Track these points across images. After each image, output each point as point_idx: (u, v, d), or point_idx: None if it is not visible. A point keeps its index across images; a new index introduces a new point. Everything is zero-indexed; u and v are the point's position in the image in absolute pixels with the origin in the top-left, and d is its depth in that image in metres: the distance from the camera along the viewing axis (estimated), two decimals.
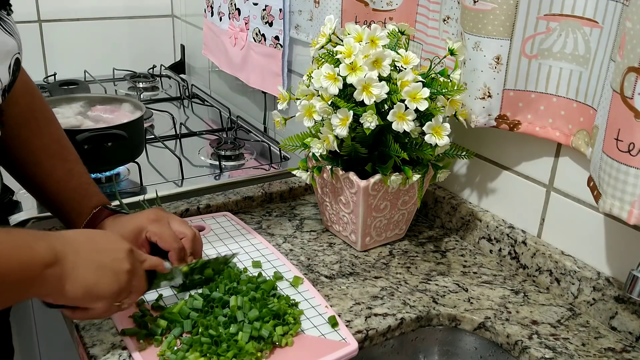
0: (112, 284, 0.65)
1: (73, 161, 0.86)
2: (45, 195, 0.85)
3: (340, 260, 0.93)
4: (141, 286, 0.71)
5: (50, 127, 0.86)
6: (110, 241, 0.68)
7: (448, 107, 0.86)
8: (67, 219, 0.85)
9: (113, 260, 0.66)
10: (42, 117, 0.85)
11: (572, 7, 0.77)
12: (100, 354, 0.70)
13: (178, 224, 0.83)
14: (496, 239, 0.95)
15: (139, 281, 0.70)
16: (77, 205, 0.84)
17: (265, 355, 0.70)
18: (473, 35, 0.83)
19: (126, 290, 0.67)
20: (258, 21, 1.35)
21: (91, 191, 0.86)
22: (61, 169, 0.84)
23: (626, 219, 0.65)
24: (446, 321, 0.83)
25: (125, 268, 0.66)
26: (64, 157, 0.85)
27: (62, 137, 0.87)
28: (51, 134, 0.85)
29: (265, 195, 1.10)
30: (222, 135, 1.38)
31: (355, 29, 0.85)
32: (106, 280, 0.65)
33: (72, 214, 0.84)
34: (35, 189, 0.86)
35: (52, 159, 0.84)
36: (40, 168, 0.84)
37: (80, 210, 0.83)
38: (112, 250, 0.67)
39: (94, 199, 0.85)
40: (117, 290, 0.66)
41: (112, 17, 1.84)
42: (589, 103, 0.78)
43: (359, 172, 0.89)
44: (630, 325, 0.77)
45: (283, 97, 0.93)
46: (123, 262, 0.66)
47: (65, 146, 0.87)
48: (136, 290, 0.70)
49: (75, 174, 0.85)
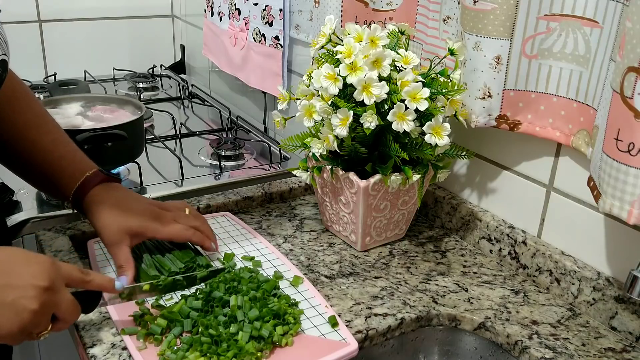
0: (11, 324, 0.60)
1: (57, 132, 0.86)
2: (32, 169, 0.84)
3: (340, 260, 0.93)
4: (69, 315, 0.65)
5: (32, 104, 0.86)
6: (25, 274, 0.62)
7: (448, 107, 0.86)
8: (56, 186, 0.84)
9: (17, 298, 0.60)
10: (22, 96, 0.85)
11: (572, 7, 0.77)
12: (100, 354, 0.70)
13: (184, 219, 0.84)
14: (496, 239, 0.95)
15: (66, 311, 0.65)
16: (65, 171, 0.83)
17: (265, 355, 0.70)
18: (473, 35, 0.83)
19: (35, 327, 0.62)
20: (258, 21, 1.35)
21: (79, 157, 0.85)
22: (46, 139, 0.84)
23: (626, 219, 0.65)
24: (446, 321, 0.83)
25: (30, 308, 0.60)
26: (47, 130, 0.85)
27: (44, 112, 0.87)
28: (33, 109, 0.85)
29: (265, 195, 1.10)
30: (222, 135, 1.38)
31: (355, 29, 0.85)
32: (4, 319, 0.60)
33: (61, 180, 0.83)
34: (22, 165, 0.85)
35: (36, 132, 0.84)
36: (25, 142, 0.83)
37: (70, 175, 0.82)
38: (21, 286, 0.61)
39: (83, 163, 0.84)
40: (18, 329, 0.60)
41: (112, 17, 1.84)
42: (589, 103, 0.78)
43: (359, 172, 0.89)
44: (630, 325, 0.77)
45: (283, 97, 0.93)
46: (30, 301, 0.60)
47: (48, 120, 0.87)
48: (63, 319, 0.65)
49: (60, 142, 0.85)
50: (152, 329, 0.71)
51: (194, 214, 0.88)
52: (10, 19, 1.63)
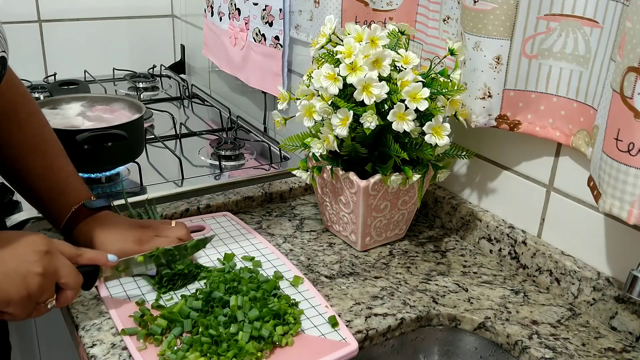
0: (19, 289, 0.63)
1: (53, 155, 0.85)
2: (27, 192, 0.85)
3: (340, 260, 0.93)
4: (72, 281, 0.68)
5: (32, 121, 0.85)
6: (23, 243, 0.65)
7: (448, 107, 0.86)
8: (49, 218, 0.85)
9: (21, 264, 0.63)
10: (23, 111, 0.84)
11: (572, 7, 0.77)
12: (100, 354, 0.70)
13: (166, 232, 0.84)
14: (496, 239, 0.95)
15: (68, 277, 0.68)
16: (55, 204, 0.83)
17: (265, 355, 0.70)
18: (473, 35, 0.83)
19: (42, 292, 0.65)
20: (258, 21, 1.35)
21: (70, 187, 0.84)
22: (40, 164, 0.83)
23: (626, 218, 0.65)
24: (446, 321, 0.83)
25: (35, 271, 0.64)
26: (43, 152, 0.84)
27: (44, 130, 0.86)
28: (32, 128, 0.84)
29: (265, 195, 1.10)
30: (222, 135, 1.38)
31: (355, 29, 0.85)
32: (12, 285, 0.62)
33: (52, 212, 0.84)
34: (19, 185, 0.85)
35: (32, 154, 0.83)
36: (20, 164, 0.83)
37: (59, 209, 0.83)
38: (21, 254, 0.64)
39: (72, 195, 0.83)
40: (27, 294, 0.63)
41: (112, 17, 1.84)
42: (589, 103, 0.78)
43: (359, 172, 0.89)
44: (630, 325, 0.77)
45: (283, 97, 0.93)
46: (33, 265, 0.64)
47: (46, 140, 0.85)
48: (68, 287, 0.68)
49: (54, 168, 0.84)
50: (152, 329, 0.71)
51: (179, 226, 0.88)
52: (10, 19, 1.63)
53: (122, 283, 0.81)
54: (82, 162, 1.06)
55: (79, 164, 1.06)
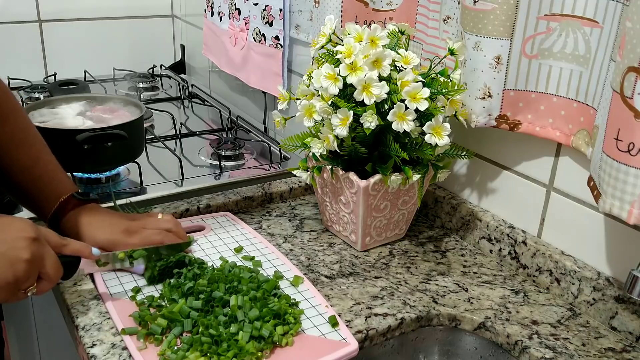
0: (6, 274, 0.64)
1: (39, 149, 0.85)
2: (12, 186, 0.85)
3: (340, 260, 0.93)
4: (53, 273, 0.69)
5: (16, 116, 0.85)
6: (12, 229, 0.66)
7: (448, 107, 0.86)
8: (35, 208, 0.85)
9: (10, 249, 0.64)
10: (5, 107, 0.84)
11: (572, 7, 0.77)
12: (100, 354, 0.70)
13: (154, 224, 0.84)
14: (496, 239, 0.95)
15: (51, 268, 0.68)
16: (42, 194, 0.83)
17: (265, 355, 0.70)
18: (473, 35, 0.83)
19: (27, 279, 0.66)
20: (258, 21, 1.35)
21: (57, 179, 0.85)
22: (26, 157, 0.84)
23: (626, 218, 0.65)
24: (446, 321, 0.83)
25: (23, 257, 0.65)
26: (29, 145, 0.85)
27: (28, 126, 0.86)
28: (16, 122, 0.85)
29: (265, 195, 1.10)
30: (222, 135, 1.38)
31: (355, 29, 0.85)
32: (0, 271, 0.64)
33: (38, 203, 0.84)
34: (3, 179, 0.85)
35: (17, 147, 0.84)
36: (5, 157, 0.83)
37: (47, 198, 0.83)
38: (10, 239, 0.65)
39: (59, 186, 0.84)
40: (13, 280, 0.64)
41: (112, 17, 1.84)
42: (589, 103, 0.78)
43: (359, 172, 0.89)
44: (630, 325, 0.77)
45: (283, 97, 0.93)
46: (21, 251, 0.65)
47: (31, 134, 0.86)
48: (48, 278, 0.68)
49: (40, 161, 0.85)
50: (152, 329, 0.71)
51: (166, 218, 0.89)
52: (10, 19, 1.63)
53: (123, 283, 0.81)
54: (82, 162, 1.06)
55: (79, 164, 1.06)
